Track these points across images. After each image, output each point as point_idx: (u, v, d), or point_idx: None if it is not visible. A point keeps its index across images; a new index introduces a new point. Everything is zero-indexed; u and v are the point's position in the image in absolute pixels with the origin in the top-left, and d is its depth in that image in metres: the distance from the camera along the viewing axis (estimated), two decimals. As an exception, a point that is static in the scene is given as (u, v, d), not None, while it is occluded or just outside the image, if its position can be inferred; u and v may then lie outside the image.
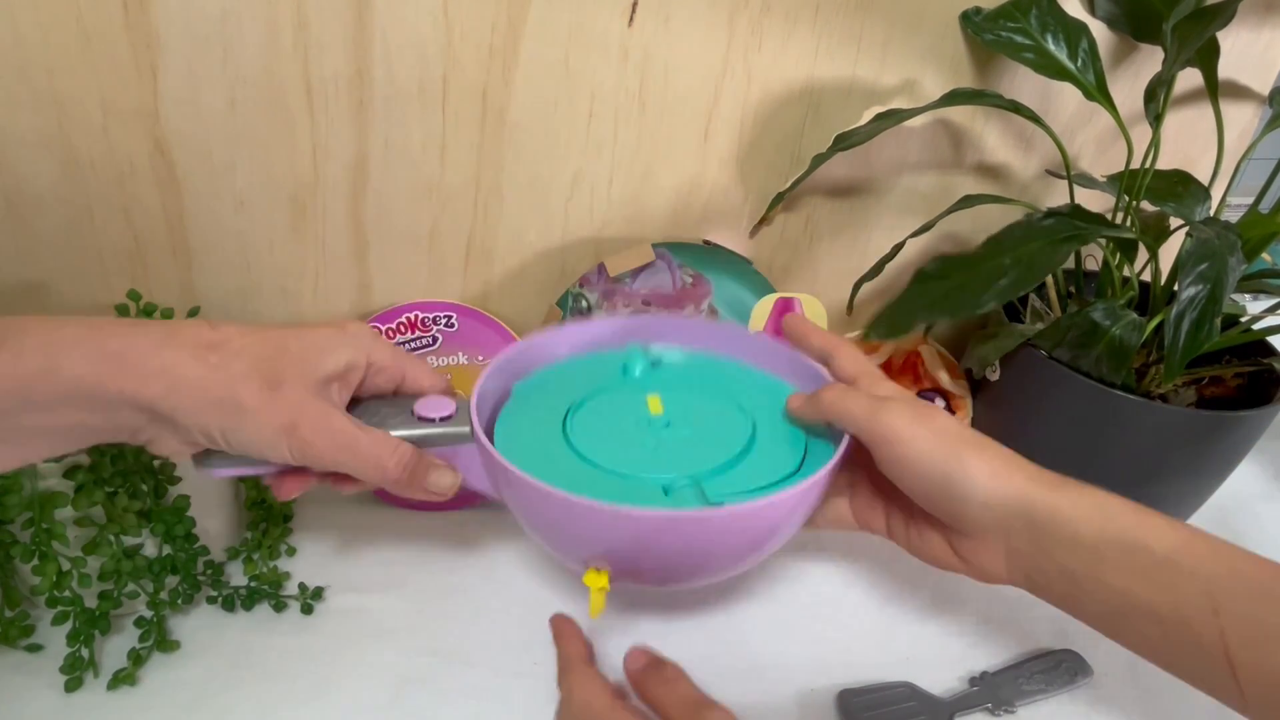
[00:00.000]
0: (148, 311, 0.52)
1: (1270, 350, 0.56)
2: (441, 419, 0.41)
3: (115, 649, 0.47)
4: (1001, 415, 0.59)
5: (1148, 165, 0.53)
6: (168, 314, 0.53)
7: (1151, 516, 0.37)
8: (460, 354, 0.57)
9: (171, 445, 0.36)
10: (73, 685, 0.45)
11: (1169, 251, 0.55)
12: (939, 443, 0.39)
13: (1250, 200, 0.55)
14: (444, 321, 0.57)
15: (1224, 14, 0.45)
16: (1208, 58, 0.53)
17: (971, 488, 0.38)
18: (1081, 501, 0.38)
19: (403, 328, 0.56)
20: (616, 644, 0.51)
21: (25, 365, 0.32)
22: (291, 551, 0.55)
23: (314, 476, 0.41)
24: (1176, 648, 0.37)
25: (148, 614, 0.47)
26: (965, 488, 0.38)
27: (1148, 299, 0.56)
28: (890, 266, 0.55)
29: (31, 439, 0.34)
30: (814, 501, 0.43)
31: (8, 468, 0.34)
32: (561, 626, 0.42)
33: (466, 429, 0.41)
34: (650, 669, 0.40)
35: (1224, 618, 0.34)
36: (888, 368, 0.63)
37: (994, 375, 0.57)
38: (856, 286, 0.56)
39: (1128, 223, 0.54)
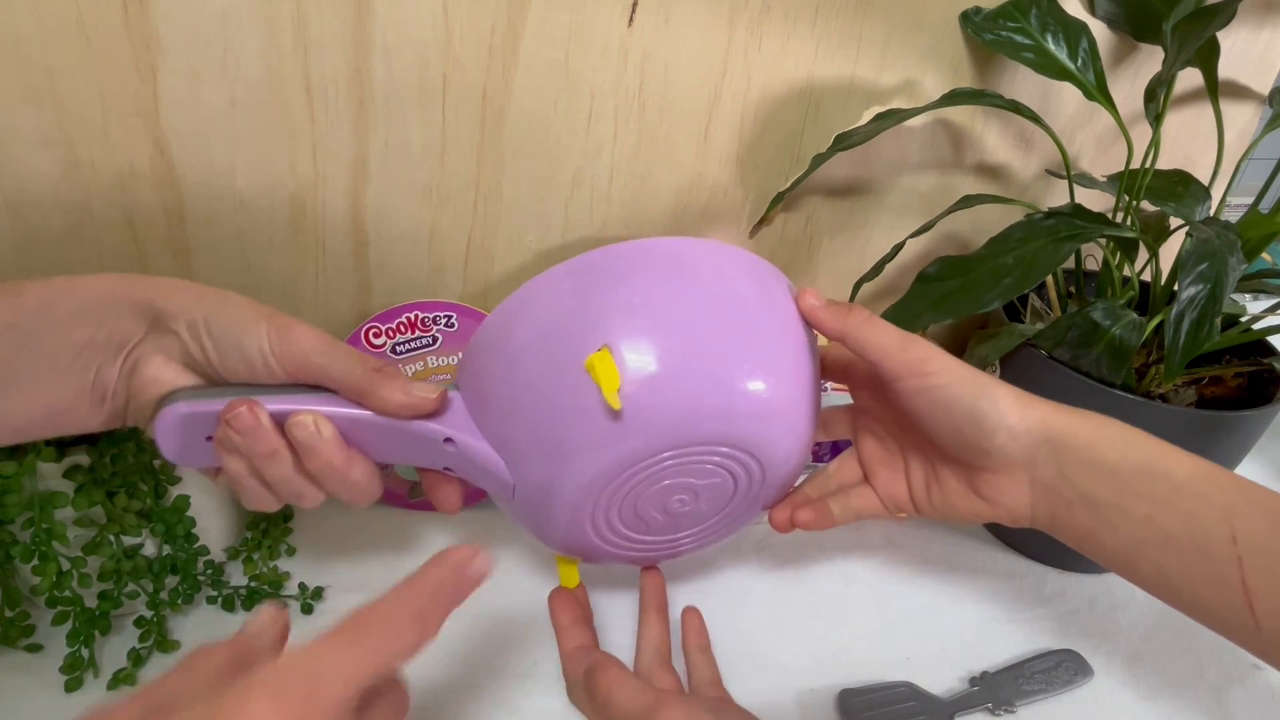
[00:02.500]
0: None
1: (1270, 350, 0.56)
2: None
3: (115, 649, 0.47)
4: (1001, 415, 0.59)
5: (1148, 165, 0.53)
6: (168, 314, 0.53)
7: (1171, 447, 0.38)
8: (460, 354, 0.57)
9: (153, 364, 0.37)
10: (73, 685, 0.45)
11: (1169, 251, 0.55)
12: (969, 375, 0.40)
13: (1250, 200, 0.55)
14: (444, 321, 0.57)
15: (1224, 14, 0.45)
16: (1208, 57, 0.54)
17: (1000, 418, 0.39)
18: (1105, 429, 0.39)
19: (403, 328, 0.56)
20: (617, 645, 0.51)
21: (52, 285, 0.36)
22: (291, 551, 0.55)
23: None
24: (1194, 579, 0.37)
25: (148, 614, 0.47)
26: (994, 419, 0.40)
27: (1148, 299, 0.56)
28: (890, 266, 0.55)
29: (45, 367, 0.36)
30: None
31: (20, 421, 0.36)
32: (562, 608, 0.41)
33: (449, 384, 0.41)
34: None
35: (1242, 546, 0.35)
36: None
37: (994, 374, 0.57)
38: (857, 287, 0.56)
39: (1128, 222, 0.54)
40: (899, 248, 0.55)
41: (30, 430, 0.37)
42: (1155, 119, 0.52)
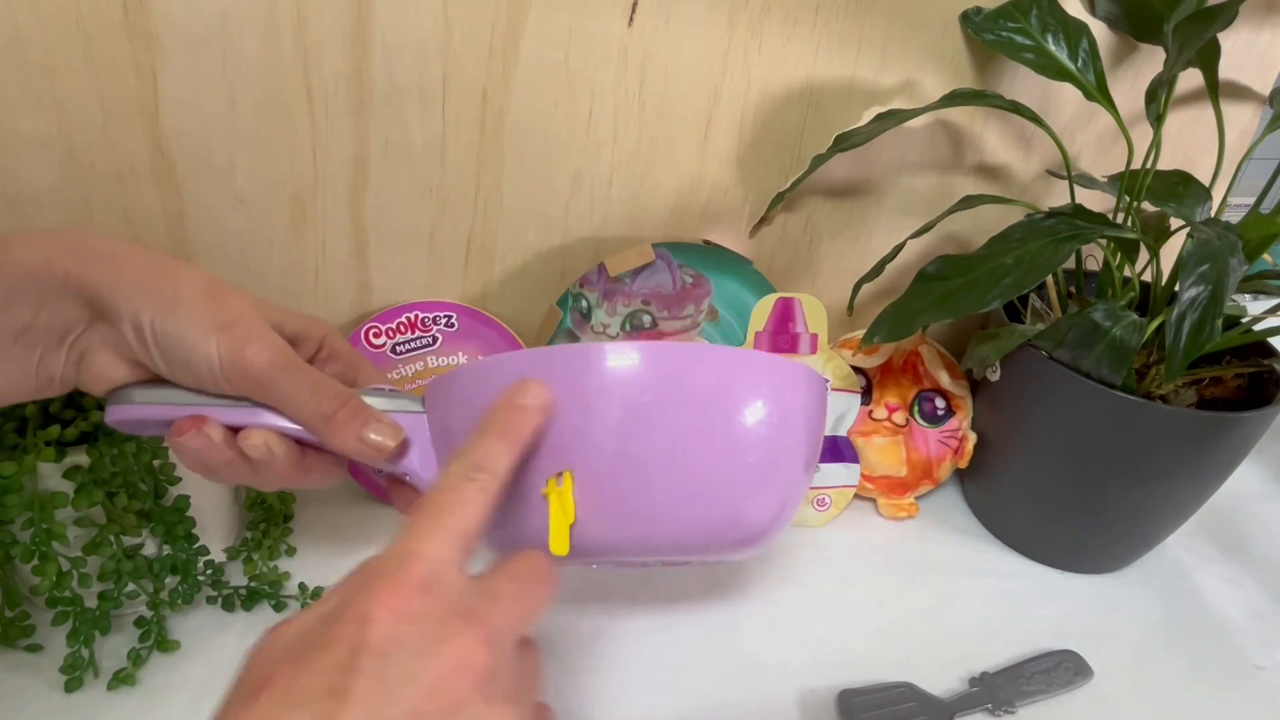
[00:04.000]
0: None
1: (1271, 351, 0.56)
2: (390, 391, 0.38)
3: (115, 649, 0.47)
4: (1001, 416, 0.59)
5: (1148, 166, 0.53)
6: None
7: None
8: (460, 354, 0.57)
9: (100, 361, 0.34)
10: (73, 685, 0.45)
11: (1170, 252, 0.55)
12: None
13: (1251, 200, 0.55)
14: (444, 321, 0.57)
15: (1225, 15, 0.45)
16: (1208, 58, 0.53)
17: None
18: None
19: (403, 328, 0.56)
20: (616, 647, 0.51)
21: None
22: (291, 551, 0.55)
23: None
24: None
25: (148, 614, 0.47)
26: None
27: (1148, 300, 0.56)
28: (890, 267, 0.55)
29: None
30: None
31: None
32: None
33: (417, 401, 0.38)
34: None
35: None
36: (888, 368, 0.63)
37: (994, 375, 0.57)
38: (857, 287, 0.56)
39: (1129, 223, 0.54)
40: (899, 248, 0.55)
41: None
42: (1156, 119, 0.52)
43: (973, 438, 0.61)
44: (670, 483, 0.35)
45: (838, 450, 0.61)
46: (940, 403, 0.63)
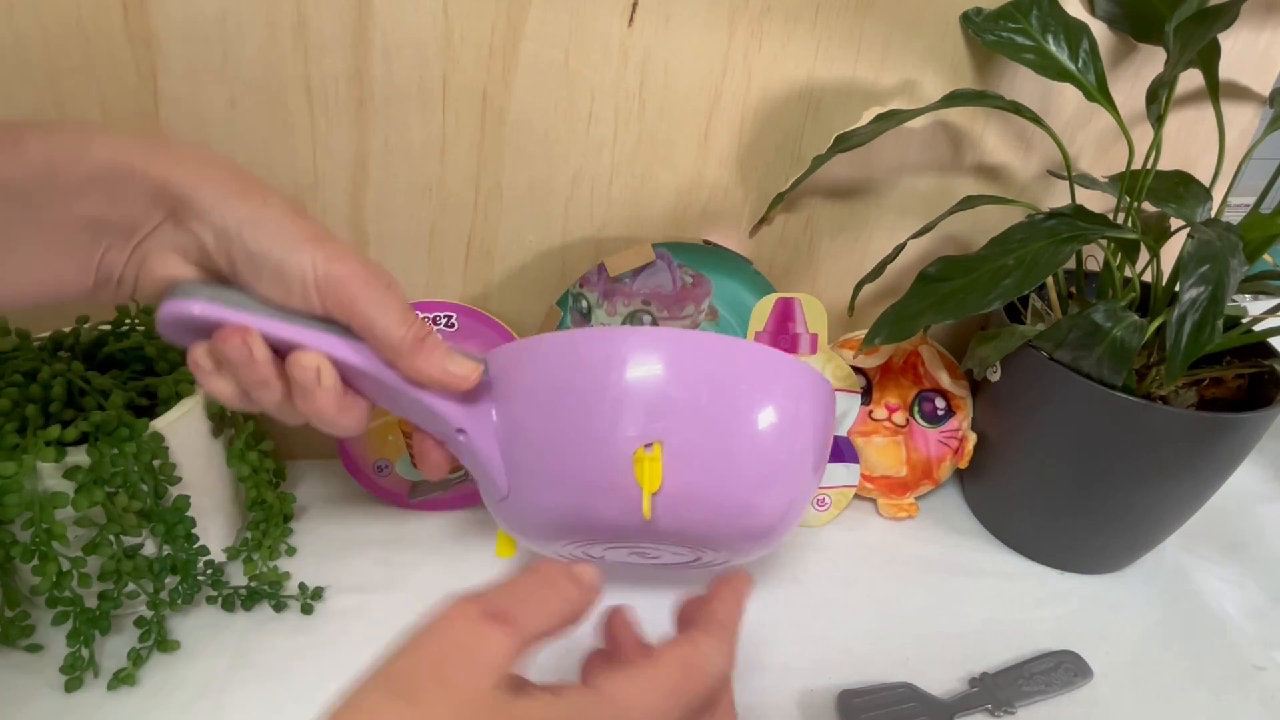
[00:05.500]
0: (148, 311, 0.52)
1: (1271, 352, 0.56)
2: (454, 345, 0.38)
3: (115, 649, 0.47)
4: (1002, 416, 0.59)
5: (1149, 166, 0.53)
6: (168, 314, 0.53)
7: None
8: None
9: (164, 262, 0.33)
10: (73, 685, 0.45)
11: (1170, 252, 0.54)
12: None
13: (1251, 201, 0.55)
14: (444, 321, 0.57)
15: (1227, 15, 0.45)
16: (1209, 58, 0.53)
17: None
18: None
19: (403, 328, 0.56)
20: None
21: (58, 144, 0.31)
22: (291, 551, 0.55)
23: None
24: None
25: (148, 614, 0.48)
26: None
27: (1149, 300, 0.56)
28: (891, 267, 0.55)
29: (46, 239, 0.32)
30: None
31: (15, 290, 0.32)
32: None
33: (482, 359, 0.38)
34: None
35: None
36: (888, 368, 0.63)
37: (995, 376, 0.57)
38: (857, 288, 0.56)
39: (1129, 223, 0.54)
40: (900, 249, 0.55)
41: (25, 302, 0.33)
42: (1157, 120, 0.52)
43: (973, 438, 0.61)
44: (710, 467, 0.38)
45: (838, 450, 0.61)
46: (940, 403, 0.63)
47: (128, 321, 0.52)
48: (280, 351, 0.34)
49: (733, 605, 0.34)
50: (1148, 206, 0.55)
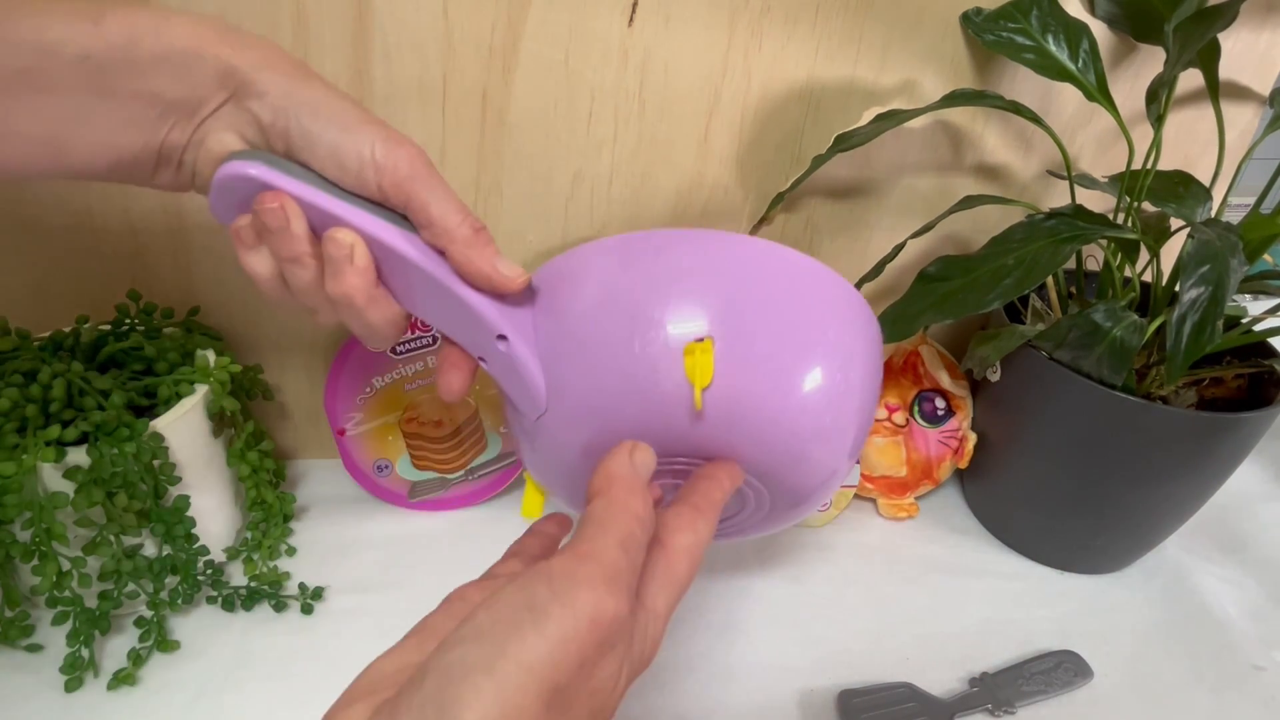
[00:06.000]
0: (148, 311, 0.52)
1: (1271, 352, 0.56)
2: None
3: (115, 649, 0.47)
4: (1002, 416, 0.59)
5: (1149, 166, 0.53)
6: (168, 314, 0.53)
7: None
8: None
9: (223, 140, 0.34)
10: (73, 685, 0.45)
11: (1170, 252, 0.55)
12: None
13: (1251, 201, 0.55)
14: (444, 321, 0.57)
15: (1226, 15, 0.45)
16: (1209, 58, 0.53)
17: None
18: None
19: (403, 328, 0.56)
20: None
21: (137, 18, 0.33)
22: (291, 551, 0.55)
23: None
24: None
25: (148, 614, 0.48)
26: None
27: (1149, 300, 0.56)
28: (891, 267, 0.55)
29: (117, 113, 0.33)
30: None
31: (84, 161, 0.34)
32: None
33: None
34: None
35: None
36: (888, 368, 0.63)
37: (995, 376, 0.57)
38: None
39: (1129, 223, 0.54)
40: (899, 248, 0.55)
41: (89, 174, 0.34)
42: (1157, 120, 0.52)
43: (973, 438, 0.61)
44: (763, 371, 0.36)
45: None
46: (940, 403, 0.63)
47: (128, 321, 0.52)
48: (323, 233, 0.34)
49: (725, 489, 0.34)
50: (1148, 206, 0.55)
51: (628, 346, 0.35)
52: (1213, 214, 0.55)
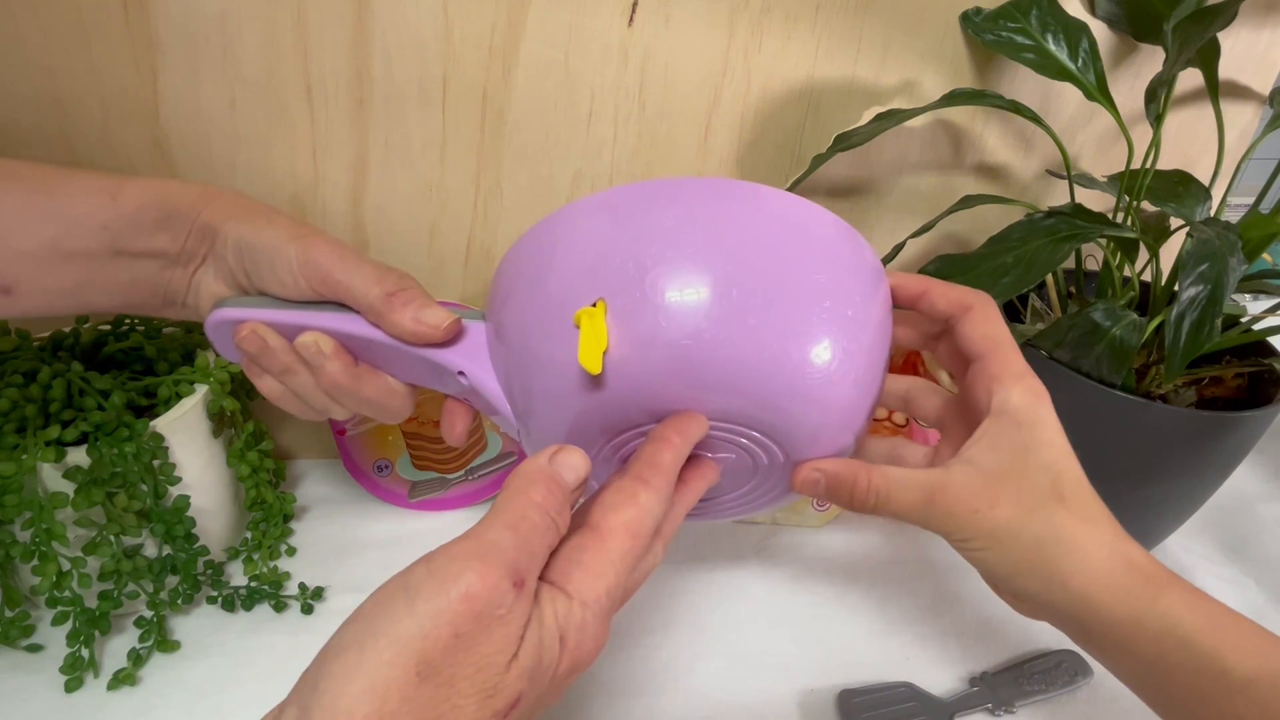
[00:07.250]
0: (148, 311, 0.52)
1: (1270, 351, 0.56)
2: (453, 304, 0.39)
3: (115, 649, 0.47)
4: (1002, 415, 0.59)
5: (1148, 165, 0.53)
6: (168, 314, 0.53)
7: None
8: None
9: (213, 287, 0.39)
10: (73, 685, 0.45)
11: (1169, 252, 0.55)
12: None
13: (1250, 200, 0.55)
14: (444, 321, 0.57)
15: (1225, 14, 0.45)
16: (1208, 58, 0.53)
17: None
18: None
19: (403, 328, 0.56)
20: (614, 647, 0.51)
21: (145, 189, 0.38)
22: (291, 551, 0.55)
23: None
24: None
25: (148, 614, 0.48)
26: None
27: (1148, 299, 0.56)
28: (891, 266, 0.55)
29: (127, 269, 0.38)
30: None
31: (102, 306, 0.39)
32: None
33: (478, 312, 0.39)
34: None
35: None
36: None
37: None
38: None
39: (1128, 223, 0.54)
40: (899, 248, 0.55)
41: (103, 313, 0.42)
42: (1156, 119, 0.52)
43: (973, 437, 0.61)
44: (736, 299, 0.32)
45: (838, 450, 0.60)
46: (940, 403, 0.63)
47: (127, 321, 0.52)
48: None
49: (674, 446, 0.32)
50: (1147, 206, 0.55)
51: (549, 343, 0.34)
52: (1212, 213, 0.55)
